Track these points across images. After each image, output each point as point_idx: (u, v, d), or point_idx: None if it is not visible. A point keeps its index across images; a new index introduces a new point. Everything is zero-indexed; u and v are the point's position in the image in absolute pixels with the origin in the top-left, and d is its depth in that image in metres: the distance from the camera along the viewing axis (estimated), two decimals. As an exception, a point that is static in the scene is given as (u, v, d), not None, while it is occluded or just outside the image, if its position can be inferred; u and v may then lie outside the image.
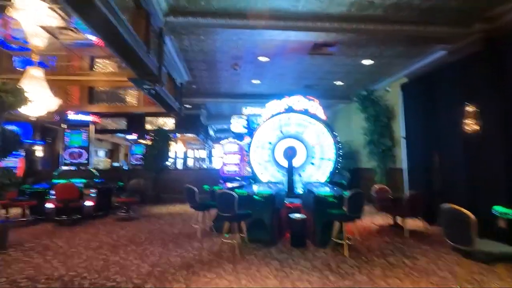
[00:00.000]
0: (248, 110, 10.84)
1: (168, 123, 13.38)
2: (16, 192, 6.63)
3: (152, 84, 5.22)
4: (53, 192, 6.74)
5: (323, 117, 6.90)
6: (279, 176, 6.70)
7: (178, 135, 16.83)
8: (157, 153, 10.38)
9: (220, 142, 10.63)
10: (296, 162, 6.68)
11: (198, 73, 8.62)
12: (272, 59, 7.43)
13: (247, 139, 10.88)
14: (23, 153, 10.33)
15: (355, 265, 4.07)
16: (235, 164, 10.54)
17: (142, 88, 5.71)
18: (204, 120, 15.07)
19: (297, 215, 5.04)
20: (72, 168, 8.15)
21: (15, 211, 7.35)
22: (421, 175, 7.17)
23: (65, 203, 6.60)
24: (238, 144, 10.66)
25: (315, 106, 6.82)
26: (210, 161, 20.78)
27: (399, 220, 6.21)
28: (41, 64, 7.48)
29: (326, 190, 5.34)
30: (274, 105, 7.07)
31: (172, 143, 11.45)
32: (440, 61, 6.74)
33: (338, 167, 6.75)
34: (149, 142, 10.91)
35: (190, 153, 23.46)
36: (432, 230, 5.95)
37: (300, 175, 6.74)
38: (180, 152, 20.59)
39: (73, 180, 7.82)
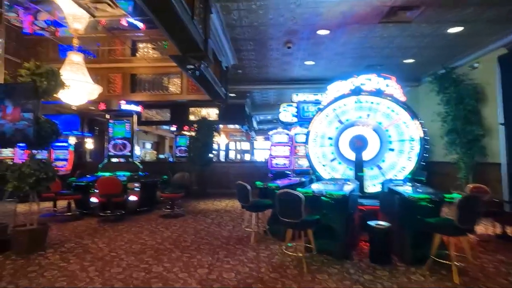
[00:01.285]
0: (298, 97, 9.75)
1: (211, 113, 12.78)
2: (60, 185, 6.34)
3: (197, 62, 4.39)
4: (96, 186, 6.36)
5: (402, 97, 5.54)
6: (352, 175, 5.51)
7: (220, 126, 16.30)
8: (201, 145, 9.78)
9: (269, 132, 9.71)
10: (369, 153, 5.47)
11: (245, 55, 7.72)
12: (333, 32, 6.25)
13: (296, 129, 9.82)
14: (73, 145, 10.38)
15: (479, 300, 2.89)
16: (285, 157, 9.57)
17: (186, 69, 4.93)
18: (249, 110, 14.28)
19: (380, 223, 3.93)
20: (121, 160, 7.77)
21: (62, 204, 7.15)
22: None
23: (108, 197, 6.17)
24: (287, 134, 9.65)
25: (392, 85, 5.51)
26: (253, 154, 20.04)
27: (508, 230, 4.80)
28: (83, 51, 7.13)
29: (416, 191, 4.14)
30: (338, 87, 5.88)
31: (216, 135, 10.78)
32: None
33: (427, 146, 5.27)
34: (193, 134, 10.36)
35: (232, 145, 22.96)
36: (561, 246, 4.45)
37: (380, 167, 5.47)
38: (222, 144, 20.15)
39: (118, 173, 7.46)
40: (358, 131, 5.70)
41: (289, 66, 8.56)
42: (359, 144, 5.45)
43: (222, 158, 19.51)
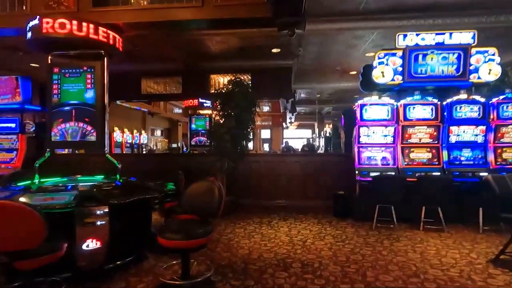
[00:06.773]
0: (408, 39, 5.32)
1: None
2: None
3: None
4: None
5: None
6: None
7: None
8: (234, 125, 5.68)
9: (358, 102, 5.42)
10: None
11: None
12: None
13: (406, 100, 5.57)
14: (28, 129, 6.52)
15: None
16: (385, 146, 5.34)
17: None
18: (292, 80, 10.01)
19: None
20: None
21: None
22: None
23: (6, 258, 2.16)
24: (391, 105, 5.41)
25: None
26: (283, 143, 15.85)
27: None
28: None
29: None
30: None
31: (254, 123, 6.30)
32: None
33: None
34: (216, 111, 6.29)
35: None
36: None
37: None
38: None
39: (68, 181, 3.52)
40: None
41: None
42: None
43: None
